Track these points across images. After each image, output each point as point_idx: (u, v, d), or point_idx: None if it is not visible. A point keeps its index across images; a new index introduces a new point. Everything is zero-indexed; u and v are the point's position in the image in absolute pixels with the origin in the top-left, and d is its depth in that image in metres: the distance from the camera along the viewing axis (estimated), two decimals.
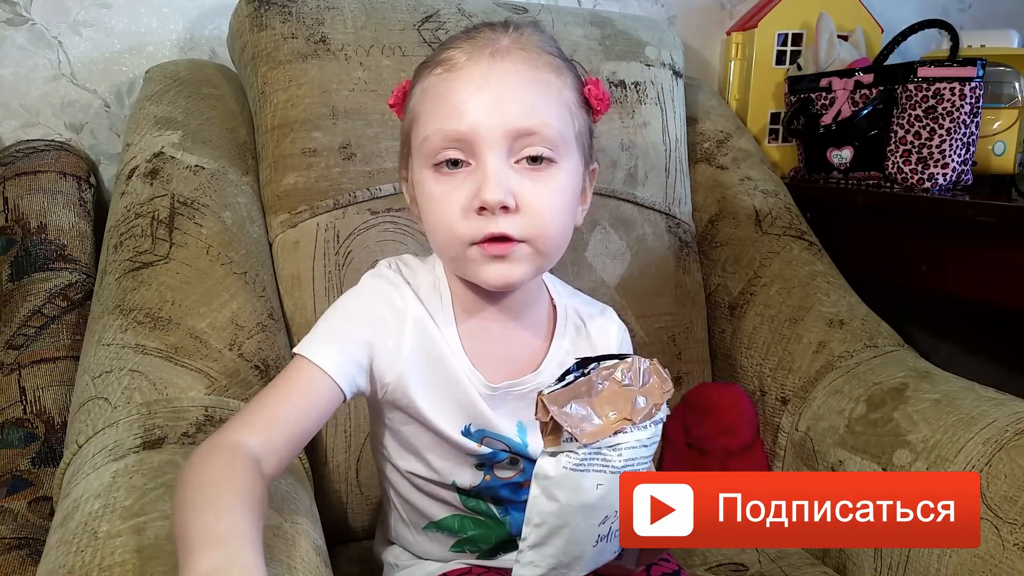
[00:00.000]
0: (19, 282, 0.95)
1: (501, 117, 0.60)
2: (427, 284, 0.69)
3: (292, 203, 0.93)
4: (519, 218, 0.61)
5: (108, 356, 0.75)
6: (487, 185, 0.60)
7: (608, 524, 0.53)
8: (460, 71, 0.62)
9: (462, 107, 0.61)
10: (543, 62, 0.64)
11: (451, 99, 0.61)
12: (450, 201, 0.61)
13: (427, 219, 0.65)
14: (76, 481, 0.63)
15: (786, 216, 1.15)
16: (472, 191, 0.61)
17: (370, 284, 0.68)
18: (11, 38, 1.08)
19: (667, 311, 1.09)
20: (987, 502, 0.75)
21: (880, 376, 0.94)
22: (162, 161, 0.91)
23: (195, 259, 0.83)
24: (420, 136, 0.63)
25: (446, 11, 1.02)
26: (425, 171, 0.63)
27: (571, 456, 0.51)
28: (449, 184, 0.62)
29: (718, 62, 1.44)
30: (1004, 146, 1.17)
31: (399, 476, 0.72)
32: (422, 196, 0.64)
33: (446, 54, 0.64)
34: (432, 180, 0.63)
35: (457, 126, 0.60)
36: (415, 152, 0.65)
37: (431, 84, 0.64)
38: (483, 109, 0.60)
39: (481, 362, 0.68)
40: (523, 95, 0.62)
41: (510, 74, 0.61)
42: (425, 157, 0.63)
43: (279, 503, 0.63)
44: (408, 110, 0.67)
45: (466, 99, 0.61)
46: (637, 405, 0.53)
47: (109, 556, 0.52)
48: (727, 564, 0.90)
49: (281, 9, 0.96)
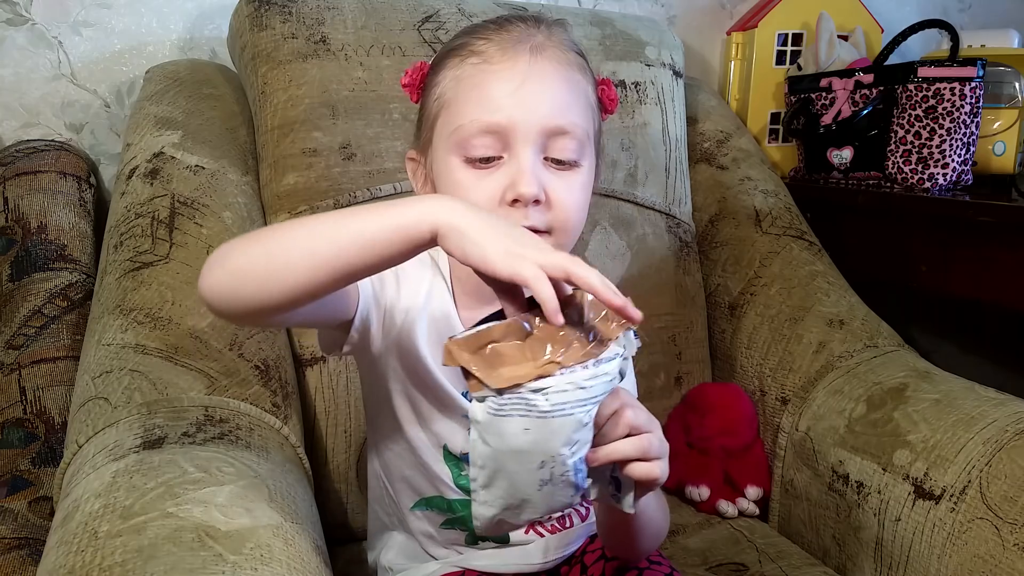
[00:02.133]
0: (19, 282, 0.96)
1: (538, 114, 0.62)
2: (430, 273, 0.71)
3: (292, 203, 0.93)
4: (547, 211, 0.63)
5: (108, 356, 0.75)
6: (524, 178, 0.61)
7: (548, 468, 0.50)
8: (499, 64, 0.62)
9: (501, 100, 0.61)
10: (572, 61, 0.65)
11: (490, 91, 0.62)
12: (481, 191, 0.62)
13: None
14: (76, 481, 0.63)
15: (786, 216, 1.15)
16: (505, 183, 0.62)
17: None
18: (11, 38, 1.08)
19: (667, 311, 1.09)
20: (987, 502, 0.75)
21: (880, 376, 0.94)
22: (162, 161, 0.91)
23: (195, 259, 0.83)
24: (451, 123, 0.64)
25: (446, 11, 1.02)
26: (453, 158, 0.64)
27: (491, 401, 0.49)
28: (480, 173, 0.63)
29: (718, 62, 1.44)
30: (1004, 146, 1.17)
31: (391, 453, 0.72)
32: (448, 182, 0.64)
33: (481, 45, 0.64)
34: (462, 168, 0.63)
35: (496, 118, 0.61)
36: (441, 137, 0.65)
37: (466, 73, 0.63)
38: (522, 104, 0.61)
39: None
40: (558, 94, 0.63)
41: (547, 72, 0.63)
42: (456, 145, 0.63)
43: (279, 503, 0.63)
44: (434, 95, 0.66)
45: (506, 93, 0.62)
46: (572, 346, 0.49)
47: (109, 556, 0.52)
48: (727, 564, 0.90)
49: (281, 9, 0.96)
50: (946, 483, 0.79)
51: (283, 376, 0.82)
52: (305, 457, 0.79)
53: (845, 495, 0.89)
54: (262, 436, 0.73)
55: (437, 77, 0.66)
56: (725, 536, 0.96)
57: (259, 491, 0.63)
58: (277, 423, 0.77)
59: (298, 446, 0.79)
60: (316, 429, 0.90)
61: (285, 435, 0.77)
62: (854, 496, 0.88)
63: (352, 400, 0.91)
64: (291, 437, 0.78)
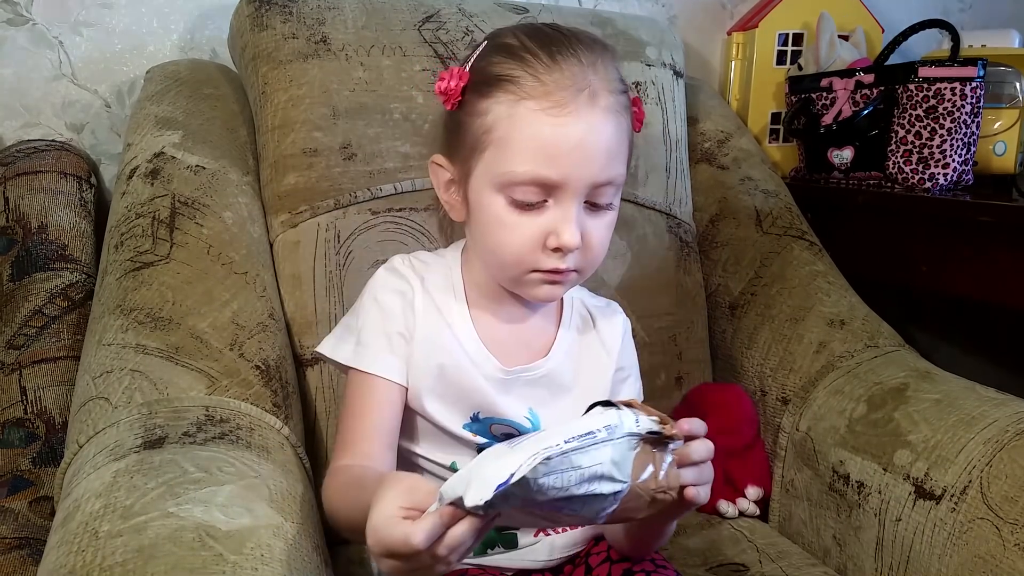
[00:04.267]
0: (20, 282, 0.96)
1: (591, 170, 0.63)
2: (440, 275, 0.73)
3: (293, 203, 0.93)
4: (580, 254, 0.65)
5: (109, 356, 0.75)
6: (568, 229, 0.62)
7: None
8: (558, 117, 0.61)
9: (557, 157, 0.62)
10: (621, 104, 0.65)
11: (546, 145, 0.62)
12: (523, 232, 0.64)
13: (491, 240, 0.66)
14: (77, 481, 0.63)
15: (787, 216, 1.15)
16: (547, 228, 0.63)
17: (381, 278, 0.72)
18: (12, 38, 1.09)
19: (668, 311, 1.09)
20: (988, 502, 0.75)
21: (881, 376, 0.94)
22: (163, 161, 0.91)
23: (196, 259, 0.83)
24: (502, 165, 0.63)
25: (446, 11, 1.02)
26: (499, 197, 0.64)
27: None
28: (524, 215, 0.64)
29: (719, 62, 1.44)
30: (1005, 146, 1.17)
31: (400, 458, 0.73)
32: (489, 217, 0.65)
33: (536, 86, 0.62)
34: (506, 209, 0.64)
35: (551, 175, 0.62)
36: (488, 173, 0.64)
37: (521, 115, 0.62)
38: (577, 163, 0.62)
39: (495, 347, 0.71)
40: (610, 147, 0.64)
41: (601, 126, 0.63)
42: (503, 186, 0.63)
43: (279, 503, 0.63)
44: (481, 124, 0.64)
45: (563, 151, 0.62)
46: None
47: (110, 556, 0.52)
48: (727, 564, 0.90)
49: (282, 9, 0.96)
50: (947, 483, 0.79)
51: (284, 376, 0.82)
52: (305, 457, 0.79)
53: (846, 495, 0.89)
54: (262, 436, 0.73)
55: (485, 103, 0.64)
56: (725, 536, 0.96)
57: (259, 491, 0.63)
58: (277, 423, 0.77)
59: (298, 446, 0.79)
60: (316, 429, 0.90)
61: (285, 435, 0.77)
62: (855, 496, 0.88)
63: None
64: (291, 437, 0.78)
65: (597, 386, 0.75)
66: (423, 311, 0.70)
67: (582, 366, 0.75)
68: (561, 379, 0.74)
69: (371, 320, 0.70)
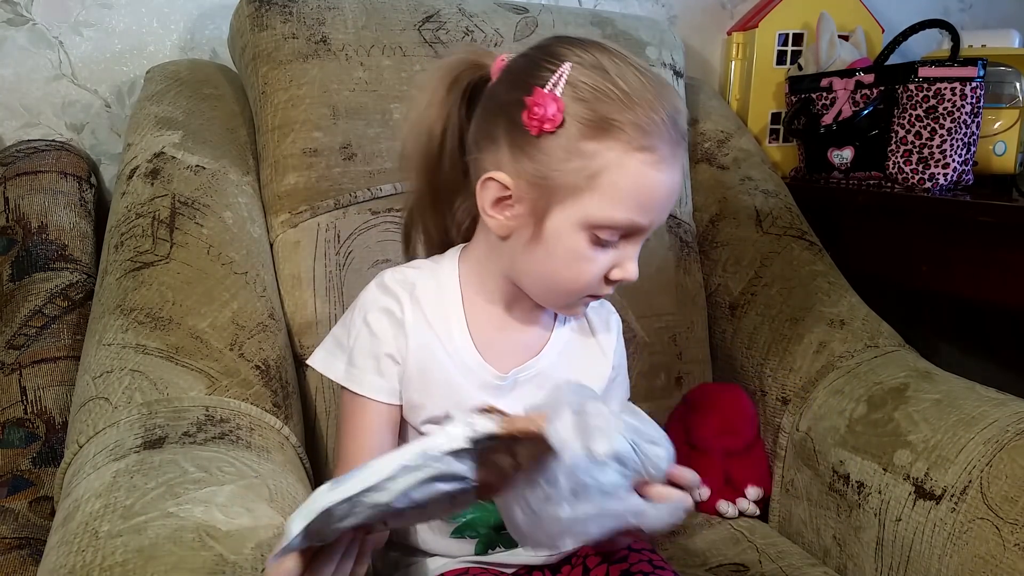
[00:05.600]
0: (20, 282, 0.96)
1: (667, 215, 0.68)
2: (435, 284, 0.72)
3: (293, 203, 0.93)
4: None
5: (109, 356, 0.75)
6: (632, 266, 0.67)
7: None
8: (662, 170, 0.63)
9: (654, 206, 0.65)
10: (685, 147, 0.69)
11: (651, 195, 0.64)
12: (597, 267, 0.66)
13: (562, 269, 0.66)
14: (77, 481, 0.64)
15: (787, 216, 1.15)
16: (612, 262, 0.66)
17: (371, 297, 0.72)
18: (12, 38, 1.09)
19: (668, 311, 1.09)
20: (988, 502, 0.75)
21: (881, 376, 0.94)
22: (163, 161, 0.91)
23: (196, 259, 0.83)
24: (604, 209, 0.63)
25: (446, 11, 1.02)
26: (584, 234, 0.64)
27: None
28: (599, 250, 0.65)
29: (719, 62, 1.44)
30: (1005, 146, 1.17)
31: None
32: (566, 250, 0.65)
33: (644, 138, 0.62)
34: (587, 243, 0.65)
35: (643, 221, 0.64)
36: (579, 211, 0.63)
37: (633, 167, 0.62)
38: (664, 210, 0.66)
39: (491, 352, 0.71)
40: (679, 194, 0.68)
41: (679, 178, 0.66)
42: (594, 226, 0.64)
43: (279, 503, 0.63)
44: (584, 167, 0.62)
45: (660, 200, 0.65)
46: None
47: (110, 556, 0.52)
48: (727, 564, 0.90)
49: (282, 9, 0.96)
50: (947, 483, 0.79)
51: (284, 376, 0.82)
52: (305, 457, 0.79)
53: (846, 495, 0.89)
54: (263, 436, 0.73)
55: (592, 146, 0.62)
56: (725, 536, 0.96)
57: (260, 491, 0.63)
58: (277, 423, 0.77)
59: (298, 446, 0.79)
60: (316, 429, 0.90)
61: (285, 435, 0.77)
62: (855, 496, 0.88)
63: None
64: (291, 437, 0.78)
65: (592, 380, 0.75)
66: (413, 326, 0.70)
67: (577, 365, 0.75)
68: (557, 373, 0.74)
69: (361, 341, 0.71)
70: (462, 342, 0.71)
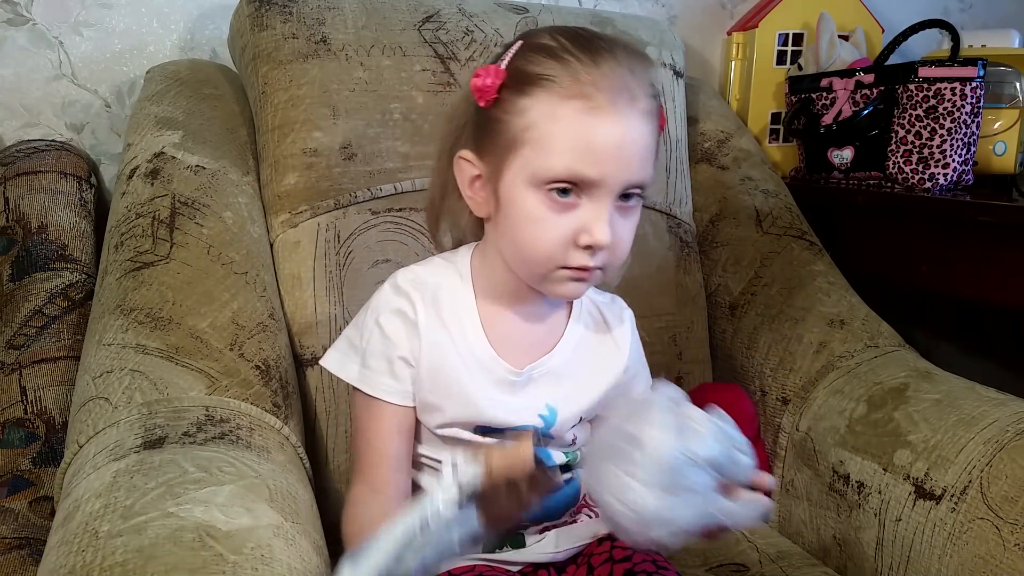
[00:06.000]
0: (20, 282, 0.96)
1: (627, 171, 0.64)
2: (449, 281, 0.72)
3: (293, 203, 0.93)
4: (606, 251, 0.65)
5: (109, 356, 0.75)
6: (600, 227, 0.63)
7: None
8: (600, 118, 0.62)
9: (599, 155, 0.63)
10: (655, 109, 0.67)
11: (588, 143, 0.63)
12: (556, 229, 0.64)
13: (522, 236, 0.66)
14: (77, 481, 0.64)
15: (787, 216, 1.15)
16: (579, 226, 0.64)
17: (384, 298, 0.72)
18: (12, 38, 1.09)
19: (668, 311, 1.09)
20: (988, 502, 0.75)
21: (881, 376, 0.94)
22: (163, 161, 0.91)
23: (196, 259, 0.83)
24: (542, 161, 0.63)
25: (446, 11, 1.02)
26: (533, 192, 0.64)
27: None
28: (555, 211, 0.64)
29: (719, 62, 1.44)
30: (1005, 146, 1.17)
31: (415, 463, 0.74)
32: (521, 213, 0.65)
33: (576, 85, 0.62)
34: (539, 203, 0.64)
35: (590, 173, 0.63)
36: (525, 168, 0.64)
37: (564, 115, 0.63)
38: (616, 162, 0.63)
39: (506, 348, 0.72)
40: (644, 149, 0.65)
41: (639, 130, 0.64)
42: (540, 181, 0.64)
43: (280, 503, 0.63)
44: (520, 122, 0.64)
45: (605, 151, 0.63)
46: None
47: (110, 556, 0.52)
48: (727, 564, 0.90)
49: (282, 9, 0.96)
50: (947, 483, 0.79)
51: (284, 376, 0.82)
52: (305, 457, 0.79)
53: (846, 495, 0.89)
54: (263, 436, 0.73)
55: (525, 101, 0.64)
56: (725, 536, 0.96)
57: (260, 491, 0.63)
58: (277, 423, 0.77)
59: (298, 446, 0.79)
60: (316, 429, 0.90)
61: (285, 435, 0.77)
62: (855, 496, 0.88)
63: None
64: (291, 437, 0.78)
65: (606, 381, 0.76)
66: (426, 325, 0.70)
67: (591, 361, 0.76)
68: (572, 368, 0.75)
69: (374, 344, 0.71)
70: (475, 338, 0.71)
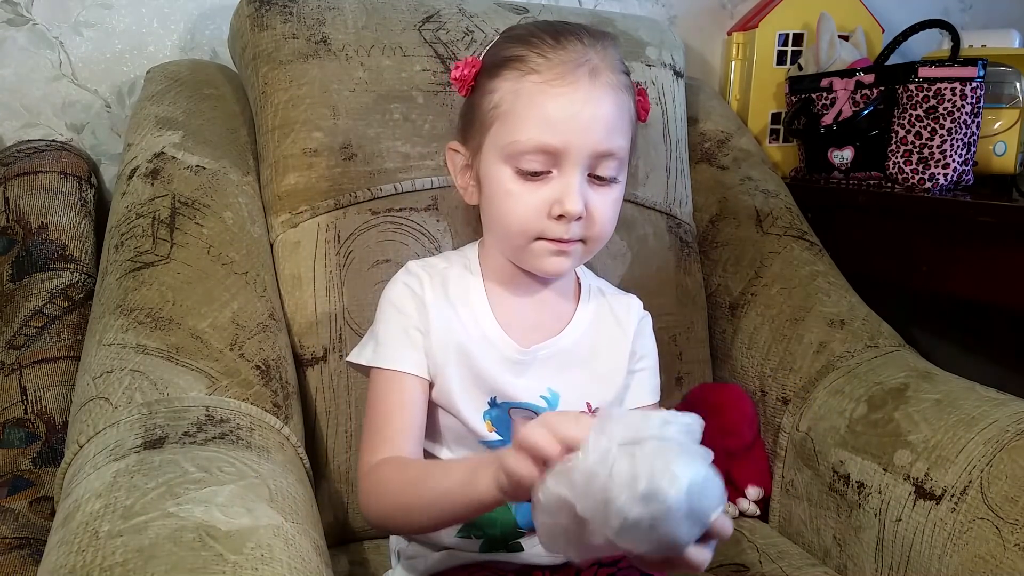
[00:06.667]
0: (20, 282, 0.96)
1: (591, 139, 0.66)
2: (457, 265, 0.76)
3: (293, 203, 0.93)
4: (585, 224, 0.68)
5: (109, 356, 0.75)
6: (571, 198, 0.66)
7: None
8: (559, 88, 0.65)
9: (559, 124, 0.65)
10: (622, 83, 0.69)
11: (548, 113, 0.66)
12: (529, 201, 0.67)
13: (498, 210, 0.70)
14: (77, 481, 0.63)
15: (787, 216, 1.15)
16: (552, 197, 0.67)
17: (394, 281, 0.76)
18: (12, 38, 1.09)
19: (668, 311, 1.09)
20: (988, 502, 0.75)
21: (881, 376, 0.94)
22: (163, 161, 0.91)
23: (196, 259, 0.83)
24: (508, 136, 0.67)
25: (447, 11, 1.02)
26: (506, 168, 0.68)
27: None
28: (530, 186, 0.67)
29: (719, 62, 1.44)
30: (1005, 146, 1.17)
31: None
32: (497, 189, 0.69)
33: (540, 63, 0.66)
34: (512, 179, 0.68)
35: (552, 141, 0.65)
36: (495, 146, 0.68)
37: (525, 89, 0.66)
38: (578, 130, 0.66)
39: (512, 328, 0.74)
40: (610, 119, 0.67)
41: (602, 98, 0.66)
42: (509, 156, 0.67)
43: (280, 503, 0.63)
44: (489, 102, 0.69)
45: (564, 118, 0.65)
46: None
47: (110, 556, 0.52)
48: (728, 564, 0.90)
49: (282, 9, 0.96)
50: (947, 483, 0.79)
51: (284, 376, 0.82)
52: (306, 457, 0.79)
53: (846, 495, 0.89)
54: (263, 436, 0.73)
55: (493, 83, 0.69)
56: None
57: (260, 491, 0.63)
58: (278, 423, 0.77)
59: (298, 446, 0.79)
60: (316, 429, 0.90)
61: (286, 435, 0.77)
62: (855, 496, 0.88)
63: (353, 400, 0.91)
64: (291, 437, 0.78)
65: (613, 363, 0.78)
66: (434, 304, 0.73)
67: (599, 342, 0.78)
68: (579, 354, 0.76)
69: (388, 320, 0.74)
70: (483, 316, 0.74)
